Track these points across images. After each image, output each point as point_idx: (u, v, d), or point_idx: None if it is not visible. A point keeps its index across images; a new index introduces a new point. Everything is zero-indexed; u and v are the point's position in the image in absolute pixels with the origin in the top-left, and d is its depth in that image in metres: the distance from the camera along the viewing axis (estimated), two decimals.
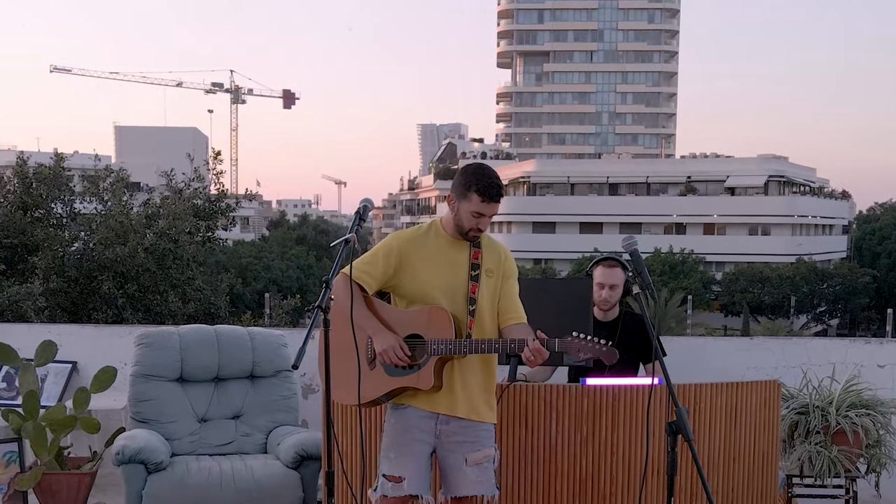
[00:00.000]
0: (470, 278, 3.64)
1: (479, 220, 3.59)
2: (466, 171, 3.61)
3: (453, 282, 3.64)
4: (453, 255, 3.67)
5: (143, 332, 5.38)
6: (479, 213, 3.57)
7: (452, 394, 3.61)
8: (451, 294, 3.62)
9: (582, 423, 4.17)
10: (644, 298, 3.57)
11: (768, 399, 4.49)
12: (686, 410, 3.35)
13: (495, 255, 3.74)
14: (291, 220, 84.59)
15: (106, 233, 14.69)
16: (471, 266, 3.66)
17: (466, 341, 3.54)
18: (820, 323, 51.12)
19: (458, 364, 3.60)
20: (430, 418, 3.61)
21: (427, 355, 3.55)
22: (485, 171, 3.58)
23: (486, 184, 3.53)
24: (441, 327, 3.55)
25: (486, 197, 3.54)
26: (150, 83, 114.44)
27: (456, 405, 3.61)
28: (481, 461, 3.62)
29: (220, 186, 17.47)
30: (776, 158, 64.81)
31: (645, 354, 4.89)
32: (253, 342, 5.46)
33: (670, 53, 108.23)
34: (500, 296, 3.72)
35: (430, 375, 3.54)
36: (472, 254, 3.68)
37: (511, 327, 3.66)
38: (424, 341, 3.56)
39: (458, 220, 3.61)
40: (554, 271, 52.71)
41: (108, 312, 14.52)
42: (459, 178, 3.60)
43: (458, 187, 3.58)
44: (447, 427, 3.62)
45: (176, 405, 5.21)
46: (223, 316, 16.48)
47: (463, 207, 3.57)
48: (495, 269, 3.71)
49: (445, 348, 3.52)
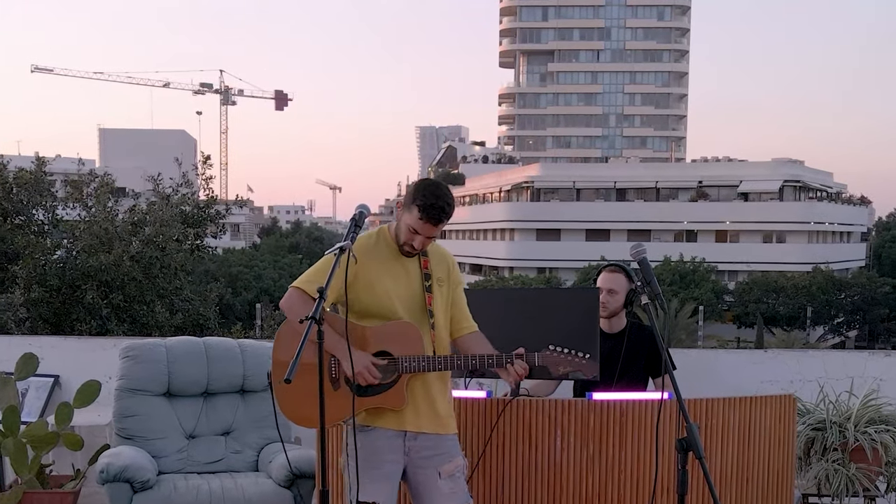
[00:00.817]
0: (425, 289, 3.68)
1: (413, 237, 3.59)
2: (421, 183, 3.62)
3: (410, 294, 3.67)
4: (406, 265, 3.70)
5: (129, 345, 5.38)
6: (416, 230, 3.57)
7: (417, 409, 3.65)
8: (409, 306, 3.66)
9: (588, 440, 4.17)
10: (653, 309, 3.57)
11: (783, 414, 4.50)
12: (697, 426, 3.35)
13: (444, 263, 3.79)
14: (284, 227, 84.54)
15: (90, 240, 14.68)
16: (423, 276, 3.70)
17: (440, 358, 3.59)
18: (837, 335, 51.05)
19: (420, 378, 3.64)
20: (397, 437, 3.65)
21: (398, 373, 3.58)
22: (438, 191, 3.56)
23: (431, 203, 3.52)
24: (411, 343, 3.59)
25: (426, 216, 3.53)
26: (135, 84, 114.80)
27: (422, 421, 3.66)
28: (454, 472, 3.68)
29: (209, 192, 17.49)
30: (792, 162, 64.81)
31: (654, 368, 4.91)
32: (244, 355, 5.46)
33: (681, 52, 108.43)
34: (451, 305, 3.77)
35: (402, 394, 3.59)
36: (422, 263, 3.71)
37: (465, 338, 3.77)
38: (395, 359, 3.58)
39: (397, 229, 3.65)
40: (559, 281, 52.68)
41: (92, 324, 14.52)
42: (411, 188, 3.62)
43: (407, 196, 3.61)
44: (416, 443, 3.66)
45: (163, 421, 5.21)
46: (212, 327, 16.46)
47: (404, 218, 3.59)
48: (445, 277, 3.77)
49: (419, 366, 3.57)
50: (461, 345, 3.77)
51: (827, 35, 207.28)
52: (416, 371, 3.58)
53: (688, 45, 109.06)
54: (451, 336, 3.78)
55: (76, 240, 15.04)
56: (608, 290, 4.92)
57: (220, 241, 21.08)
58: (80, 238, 14.93)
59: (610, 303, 4.92)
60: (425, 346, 3.60)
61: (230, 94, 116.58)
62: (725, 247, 58.69)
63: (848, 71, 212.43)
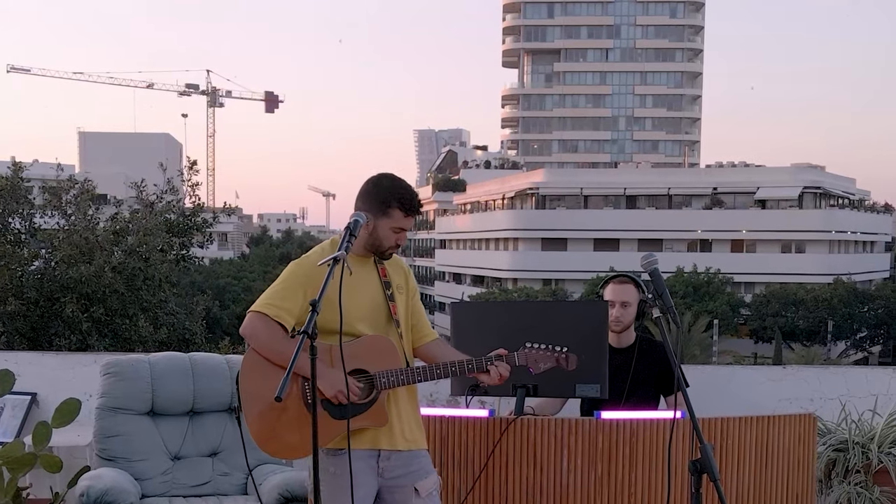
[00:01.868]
0: (387, 297, 3.72)
1: (398, 236, 3.68)
2: (380, 184, 3.68)
3: (374, 305, 3.71)
4: (365, 276, 3.73)
5: (111, 361, 5.38)
6: (401, 228, 3.66)
7: (390, 426, 3.67)
8: (373, 319, 3.69)
9: (596, 461, 4.17)
10: (665, 323, 3.57)
11: (803, 434, 4.50)
12: (712, 447, 3.35)
13: (399, 269, 3.84)
14: (274, 237, 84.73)
15: (69, 250, 14.67)
16: (384, 284, 3.74)
17: (419, 369, 3.64)
18: (860, 350, 51.07)
19: (391, 393, 3.66)
20: (370, 457, 3.66)
21: (377, 390, 3.59)
22: (402, 184, 3.69)
23: (407, 196, 3.63)
24: (387, 357, 3.62)
25: (409, 211, 3.65)
26: (117, 84, 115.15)
27: (396, 438, 3.68)
28: (431, 489, 3.71)
29: (195, 199, 17.49)
30: (812, 168, 64.91)
31: (666, 385, 4.89)
32: (232, 371, 5.46)
33: (694, 51, 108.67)
34: (411, 313, 3.82)
35: (383, 411, 3.61)
36: (381, 270, 3.76)
37: (429, 346, 3.84)
38: (371, 375, 3.59)
39: (375, 238, 3.67)
40: (565, 293, 52.71)
41: (72, 338, 14.49)
42: (374, 193, 3.66)
43: (374, 203, 3.63)
44: (389, 463, 3.68)
45: (146, 441, 5.20)
46: (199, 342, 16.44)
47: (382, 224, 3.64)
48: (404, 284, 3.82)
49: (397, 380, 3.59)
50: (425, 353, 3.83)
51: (850, 32, 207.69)
52: (395, 386, 3.60)
53: (702, 43, 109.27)
54: (412, 345, 3.82)
55: (55, 250, 15.03)
56: (621, 302, 4.90)
57: (207, 252, 21.13)
58: (59, 248, 14.91)
59: (624, 316, 4.90)
60: (401, 358, 3.64)
61: (217, 96, 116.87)
62: (741, 257, 58.74)
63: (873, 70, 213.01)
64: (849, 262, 58.70)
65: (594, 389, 4.39)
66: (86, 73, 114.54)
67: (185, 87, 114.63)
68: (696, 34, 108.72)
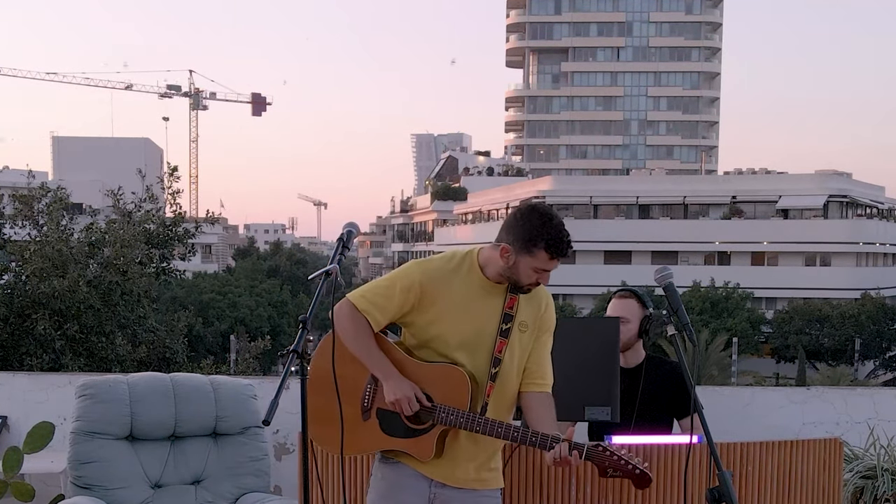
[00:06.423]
0: (499, 332, 3.62)
1: (540, 276, 3.57)
2: (531, 219, 3.54)
3: (478, 335, 3.62)
4: (485, 301, 3.64)
5: (86, 382, 5.38)
6: (544, 269, 3.55)
7: (454, 463, 3.63)
8: (471, 350, 3.61)
9: (607, 490, 4.18)
10: (681, 341, 3.58)
11: (828, 461, 4.50)
12: (731, 474, 3.36)
13: (535, 304, 3.72)
14: (262, 249, 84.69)
15: (41, 263, 14.67)
16: (502, 317, 3.63)
17: (480, 419, 3.52)
18: (890, 370, 51.00)
19: (463, 432, 3.59)
20: (423, 479, 3.63)
21: (433, 422, 3.55)
22: (554, 223, 3.53)
23: (556, 239, 3.50)
24: (455, 393, 3.55)
25: (556, 254, 3.52)
26: (94, 85, 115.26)
27: (455, 475, 3.63)
28: None
29: (176, 208, 17.48)
30: (838, 175, 64.99)
31: (679, 407, 4.87)
32: (216, 393, 5.46)
33: (712, 50, 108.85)
34: (529, 353, 3.71)
35: (430, 446, 3.56)
36: (508, 301, 3.65)
37: (531, 396, 3.67)
38: (433, 405, 3.55)
39: (514, 274, 3.57)
40: (574, 309, 52.69)
41: (44, 357, 14.48)
42: (522, 228, 3.53)
43: (519, 239, 3.52)
44: (443, 492, 3.64)
45: (125, 468, 5.20)
46: (180, 362, 16.42)
47: (524, 262, 3.53)
48: (530, 322, 3.70)
49: (455, 421, 3.52)
50: (522, 400, 3.70)
51: (877, 30, 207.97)
52: (451, 426, 3.53)
53: (720, 42, 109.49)
54: (519, 388, 3.71)
55: (25, 262, 15.02)
56: (620, 319, 4.90)
57: (189, 264, 21.02)
58: (30, 260, 14.91)
59: (622, 334, 4.84)
60: (471, 398, 3.54)
61: (201, 98, 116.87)
62: (763, 270, 58.74)
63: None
64: (878, 275, 58.68)
65: (605, 412, 4.39)
66: (60, 73, 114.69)
67: (166, 88, 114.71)
68: (713, 31, 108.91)
